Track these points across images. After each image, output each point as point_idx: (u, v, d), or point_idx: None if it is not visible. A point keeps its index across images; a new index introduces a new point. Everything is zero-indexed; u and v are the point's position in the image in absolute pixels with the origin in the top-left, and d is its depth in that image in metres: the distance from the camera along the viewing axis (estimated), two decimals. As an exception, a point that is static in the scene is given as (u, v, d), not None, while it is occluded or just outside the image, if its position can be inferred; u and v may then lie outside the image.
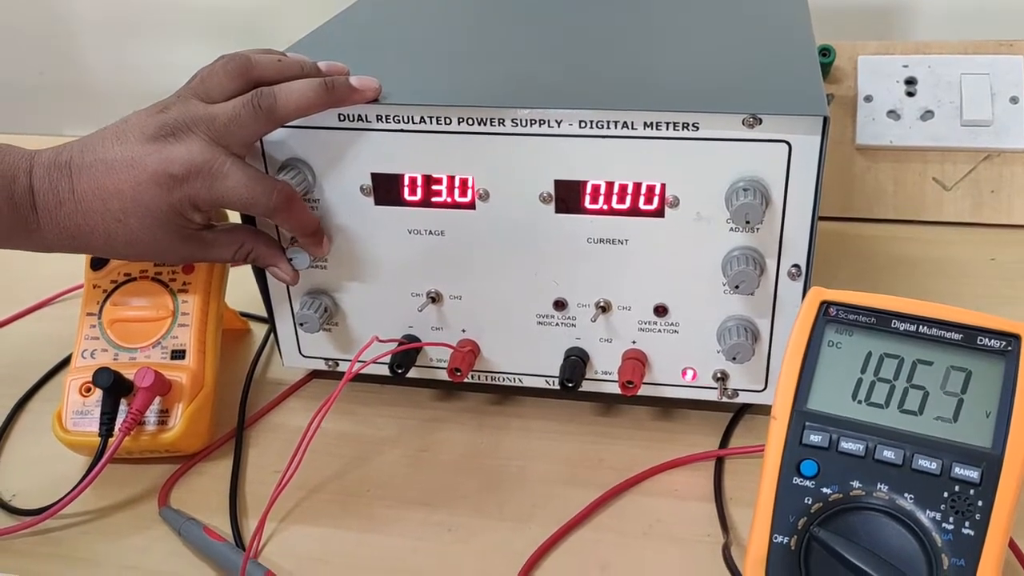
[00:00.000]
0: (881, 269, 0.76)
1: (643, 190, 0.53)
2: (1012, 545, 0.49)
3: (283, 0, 1.09)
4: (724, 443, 0.58)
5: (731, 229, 0.53)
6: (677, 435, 0.59)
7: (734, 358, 0.55)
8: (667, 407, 0.61)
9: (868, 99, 0.82)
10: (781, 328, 0.56)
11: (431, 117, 0.54)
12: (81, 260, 0.61)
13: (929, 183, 0.82)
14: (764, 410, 0.60)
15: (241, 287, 0.68)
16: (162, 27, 1.14)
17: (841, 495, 0.42)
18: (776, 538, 0.42)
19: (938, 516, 0.41)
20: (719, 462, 0.57)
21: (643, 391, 0.58)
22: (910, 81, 0.82)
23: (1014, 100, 0.80)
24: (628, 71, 0.58)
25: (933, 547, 0.40)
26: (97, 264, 0.60)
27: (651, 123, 0.52)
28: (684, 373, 0.58)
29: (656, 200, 0.54)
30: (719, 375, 0.58)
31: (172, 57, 1.14)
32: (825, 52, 0.82)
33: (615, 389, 0.59)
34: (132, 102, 1.16)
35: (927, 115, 0.81)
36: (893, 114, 0.82)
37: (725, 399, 0.59)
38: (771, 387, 0.58)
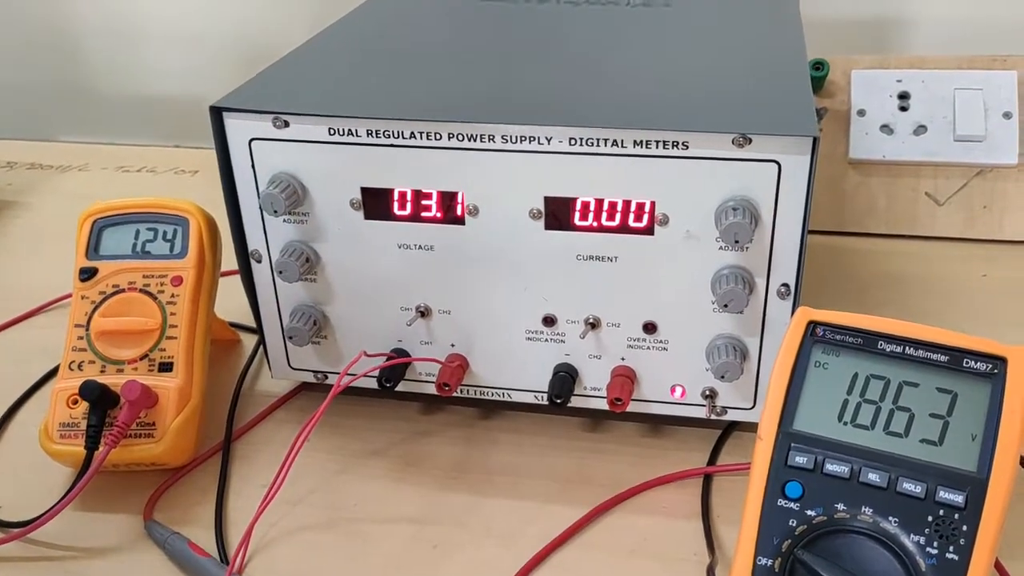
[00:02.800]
0: (873, 284, 0.76)
1: (633, 208, 0.53)
2: (999, 567, 0.49)
3: (278, 11, 1.09)
4: (712, 460, 0.58)
5: (720, 248, 0.53)
6: (665, 452, 0.59)
7: (723, 376, 0.55)
8: (655, 424, 0.61)
9: (861, 113, 0.82)
10: (770, 347, 0.55)
11: (421, 132, 0.54)
12: (70, 269, 0.61)
13: (922, 198, 0.82)
14: (752, 428, 0.59)
15: (232, 298, 0.68)
16: (160, 34, 1.14)
17: (826, 518, 0.42)
18: (760, 560, 0.42)
19: (922, 540, 0.41)
20: (707, 479, 0.57)
21: (632, 407, 0.58)
22: (903, 96, 0.82)
23: (1007, 115, 0.80)
24: (619, 89, 0.58)
25: (917, 571, 0.40)
26: (85, 275, 0.60)
27: (641, 141, 0.52)
28: (673, 390, 0.58)
29: (646, 218, 0.53)
30: (707, 393, 0.58)
31: (170, 64, 1.14)
32: (819, 66, 0.82)
33: (603, 405, 0.59)
34: (129, 109, 1.17)
35: (920, 130, 0.81)
36: (886, 128, 0.82)
37: (713, 416, 0.58)
38: (759, 405, 0.58)
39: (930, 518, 0.41)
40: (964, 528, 0.40)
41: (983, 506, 0.40)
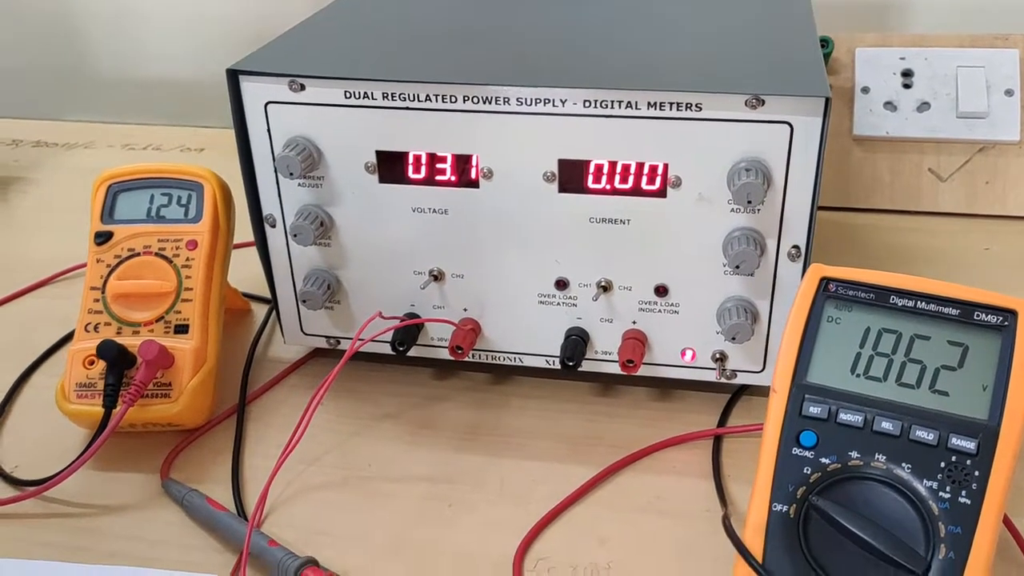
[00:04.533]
0: (877, 259, 0.76)
1: (646, 170, 0.54)
2: (1007, 522, 0.49)
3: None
4: (722, 422, 0.59)
5: (732, 210, 0.54)
6: (676, 414, 0.60)
7: (733, 338, 0.56)
8: (666, 387, 0.62)
9: (865, 91, 0.83)
10: (780, 309, 0.56)
11: (436, 95, 0.54)
12: (81, 240, 0.61)
13: (925, 174, 0.82)
14: (762, 391, 0.60)
15: (244, 267, 0.69)
16: (162, 15, 1.14)
17: (839, 465, 0.43)
18: (775, 507, 0.43)
19: (935, 485, 0.41)
20: (717, 440, 0.57)
21: (642, 371, 0.59)
22: (907, 73, 0.83)
23: (1009, 92, 0.81)
24: (632, 52, 0.58)
25: (930, 515, 0.41)
26: (101, 239, 0.60)
27: (655, 103, 0.52)
28: (683, 353, 0.59)
29: (659, 180, 0.54)
30: (718, 355, 0.58)
31: (172, 45, 1.15)
32: (823, 43, 0.82)
33: (615, 369, 0.59)
34: (133, 89, 1.17)
35: (923, 107, 0.82)
36: (890, 105, 0.83)
37: (724, 379, 0.59)
38: (769, 368, 0.58)
39: (942, 464, 0.41)
40: (976, 473, 0.41)
41: (995, 452, 0.41)
